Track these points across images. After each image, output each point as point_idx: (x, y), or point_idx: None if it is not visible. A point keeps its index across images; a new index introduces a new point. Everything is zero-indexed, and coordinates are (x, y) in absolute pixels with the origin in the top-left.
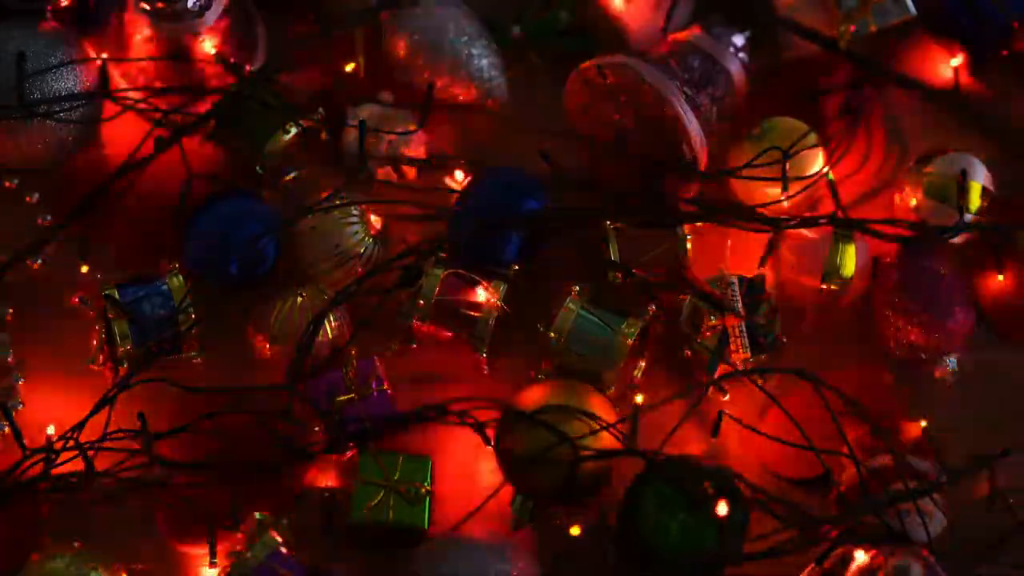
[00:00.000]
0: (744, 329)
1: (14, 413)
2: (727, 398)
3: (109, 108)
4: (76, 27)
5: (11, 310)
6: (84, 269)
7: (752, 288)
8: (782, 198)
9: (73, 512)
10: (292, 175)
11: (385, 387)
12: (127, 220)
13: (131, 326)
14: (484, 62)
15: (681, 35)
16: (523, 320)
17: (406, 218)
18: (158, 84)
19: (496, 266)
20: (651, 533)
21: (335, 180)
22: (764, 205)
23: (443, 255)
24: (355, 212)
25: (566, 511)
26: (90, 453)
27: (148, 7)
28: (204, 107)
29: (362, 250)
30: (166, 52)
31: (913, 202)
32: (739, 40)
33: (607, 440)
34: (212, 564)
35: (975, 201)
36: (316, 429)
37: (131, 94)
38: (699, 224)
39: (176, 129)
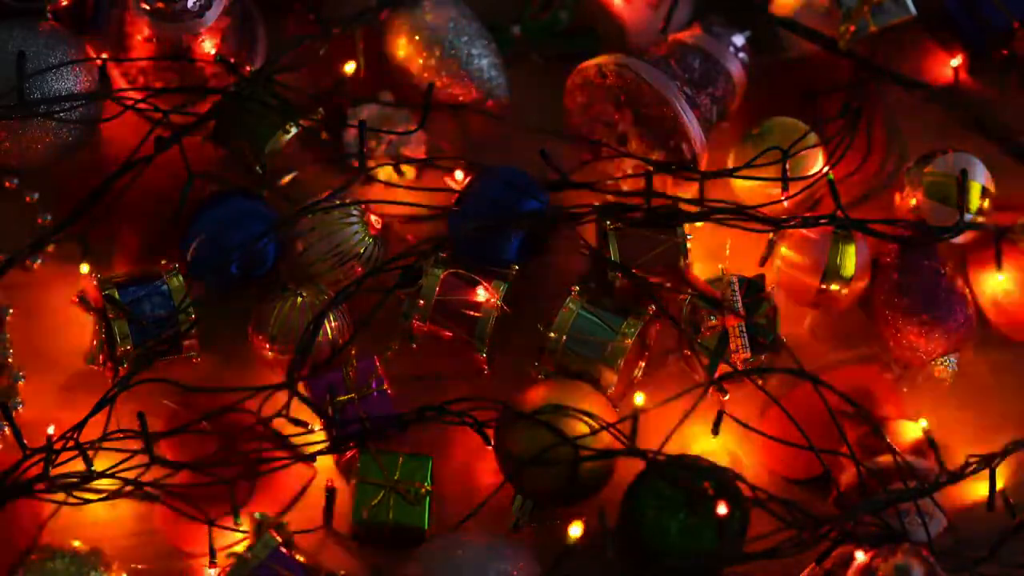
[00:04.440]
0: (744, 329)
1: (14, 413)
2: (727, 398)
3: (109, 108)
4: (76, 27)
5: (11, 310)
6: (84, 269)
7: (752, 288)
8: (782, 198)
9: (73, 512)
10: (292, 175)
11: (385, 387)
12: (127, 220)
13: (131, 326)
14: (484, 62)
15: (681, 35)
16: (523, 320)
17: (406, 218)
18: (158, 84)
19: (496, 266)
20: (651, 533)
21: (335, 180)
22: (764, 205)
23: (443, 255)
24: (355, 212)
25: (566, 511)
26: (90, 453)
27: (148, 7)
28: (204, 107)
29: (362, 250)
30: (166, 52)
31: (913, 202)
32: (739, 40)
33: (607, 440)
34: (212, 564)
35: (975, 201)
36: (316, 429)
37: (131, 94)
38: (699, 224)
39: (176, 129)
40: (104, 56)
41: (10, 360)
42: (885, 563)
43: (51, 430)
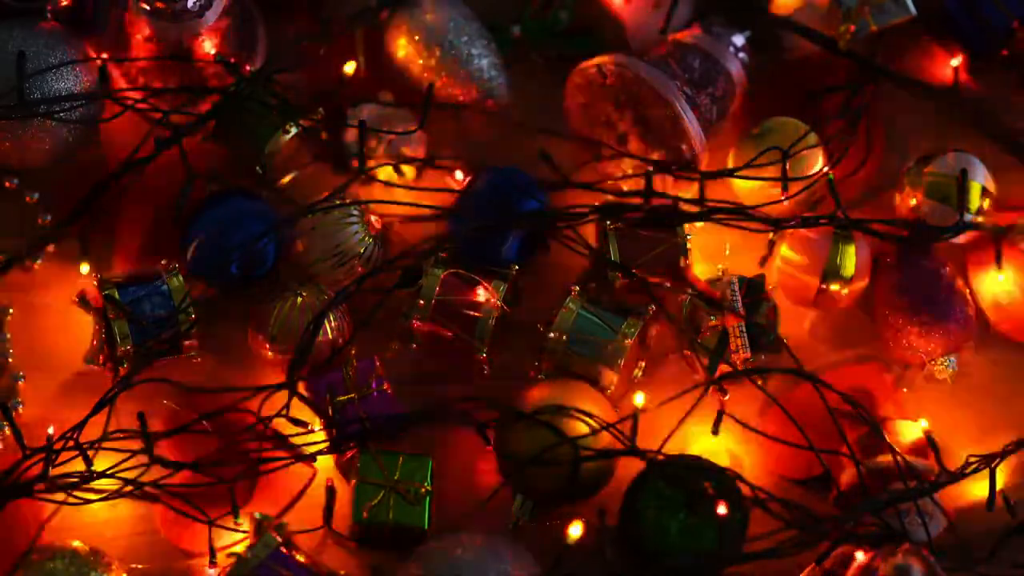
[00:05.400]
0: (744, 329)
1: (14, 413)
2: (727, 398)
3: (109, 108)
4: (76, 27)
5: (11, 310)
6: (84, 269)
7: (752, 288)
8: (782, 198)
9: (73, 512)
10: (292, 175)
11: (385, 387)
12: (127, 220)
13: (131, 326)
14: (484, 62)
15: (681, 35)
16: (523, 320)
17: (406, 218)
18: (158, 84)
19: (496, 266)
20: (651, 533)
21: (335, 180)
22: (764, 205)
23: (443, 255)
24: (355, 212)
25: (566, 511)
26: (90, 453)
27: (148, 7)
28: (204, 107)
29: (362, 250)
30: (166, 52)
31: (913, 202)
32: (739, 40)
33: (607, 440)
34: (212, 564)
35: (975, 201)
36: (316, 429)
37: (131, 94)
38: (699, 224)
39: (176, 129)
40: (104, 56)
41: (10, 360)
42: (885, 563)
43: (51, 430)
